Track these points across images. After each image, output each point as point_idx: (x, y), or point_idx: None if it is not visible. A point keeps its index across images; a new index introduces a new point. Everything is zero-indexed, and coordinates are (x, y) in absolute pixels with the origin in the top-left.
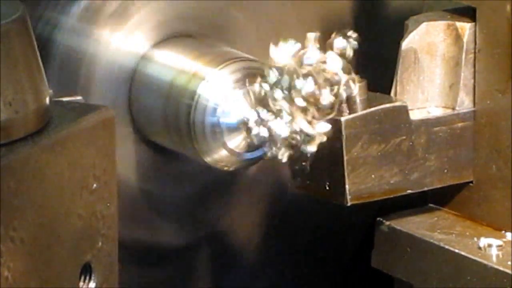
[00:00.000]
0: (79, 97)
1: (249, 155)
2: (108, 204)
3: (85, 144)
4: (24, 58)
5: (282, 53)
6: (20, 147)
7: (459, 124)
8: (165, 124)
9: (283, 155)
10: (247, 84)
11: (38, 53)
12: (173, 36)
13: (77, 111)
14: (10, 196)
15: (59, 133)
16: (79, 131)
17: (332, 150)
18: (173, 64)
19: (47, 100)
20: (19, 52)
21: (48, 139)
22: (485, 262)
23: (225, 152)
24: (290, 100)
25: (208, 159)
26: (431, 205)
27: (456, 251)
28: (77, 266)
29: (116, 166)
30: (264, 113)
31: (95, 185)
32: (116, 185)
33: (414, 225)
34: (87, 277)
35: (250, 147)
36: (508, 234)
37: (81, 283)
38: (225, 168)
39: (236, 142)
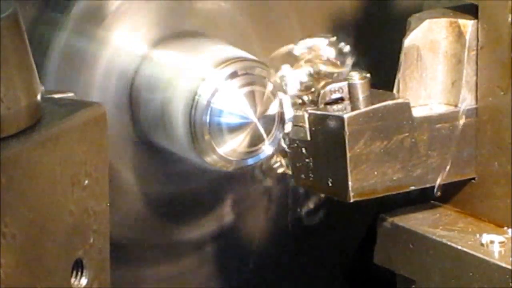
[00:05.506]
0: (71, 94)
1: (249, 160)
2: (100, 201)
3: (77, 141)
4: (15, 54)
5: None
6: (12, 144)
7: (462, 121)
8: (165, 124)
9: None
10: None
11: (29, 50)
12: (173, 35)
13: (69, 108)
14: (1, 192)
15: (51, 130)
16: (70, 128)
17: (334, 146)
18: (173, 64)
19: (39, 96)
20: (11, 48)
21: (39, 135)
22: (487, 258)
23: (225, 152)
24: None
25: (208, 159)
26: (433, 201)
27: (459, 247)
28: (69, 262)
29: (108, 163)
30: None
31: (86, 182)
32: (108, 181)
33: (416, 221)
34: (79, 273)
35: (250, 147)
36: (510, 231)
37: (72, 279)
38: (225, 169)
39: (237, 142)
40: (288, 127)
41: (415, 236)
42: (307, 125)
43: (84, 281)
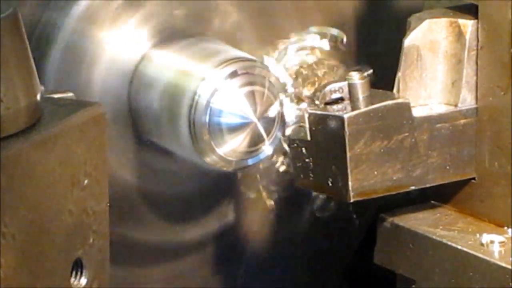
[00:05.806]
0: (70, 94)
1: (249, 160)
2: (99, 201)
3: (76, 141)
4: (15, 54)
5: None
6: (11, 144)
7: (462, 121)
8: (164, 124)
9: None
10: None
11: (29, 50)
12: (173, 36)
13: (68, 108)
14: (1, 192)
15: (50, 130)
16: (70, 128)
17: (334, 146)
18: (173, 64)
19: (38, 96)
20: (10, 48)
21: (39, 135)
22: (487, 258)
23: (225, 152)
24: None
25: (207, 160)
26: (433, 201)
27: (459, 247)
28: (68, 262)
29: (107, 163)
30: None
31: (86, 182)
32: (107, 181)
33: (416, 221)
34: (78, 273)
35: (250, 147)
36: (510, 231)
37: (72, 279)
38: (225, 169)
39: (236, 142)
40: (288, 131)
41: (415, 236)
42: (307, 125)
43: (83, 281)
